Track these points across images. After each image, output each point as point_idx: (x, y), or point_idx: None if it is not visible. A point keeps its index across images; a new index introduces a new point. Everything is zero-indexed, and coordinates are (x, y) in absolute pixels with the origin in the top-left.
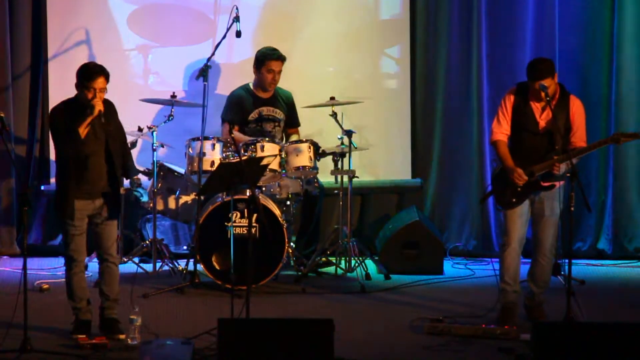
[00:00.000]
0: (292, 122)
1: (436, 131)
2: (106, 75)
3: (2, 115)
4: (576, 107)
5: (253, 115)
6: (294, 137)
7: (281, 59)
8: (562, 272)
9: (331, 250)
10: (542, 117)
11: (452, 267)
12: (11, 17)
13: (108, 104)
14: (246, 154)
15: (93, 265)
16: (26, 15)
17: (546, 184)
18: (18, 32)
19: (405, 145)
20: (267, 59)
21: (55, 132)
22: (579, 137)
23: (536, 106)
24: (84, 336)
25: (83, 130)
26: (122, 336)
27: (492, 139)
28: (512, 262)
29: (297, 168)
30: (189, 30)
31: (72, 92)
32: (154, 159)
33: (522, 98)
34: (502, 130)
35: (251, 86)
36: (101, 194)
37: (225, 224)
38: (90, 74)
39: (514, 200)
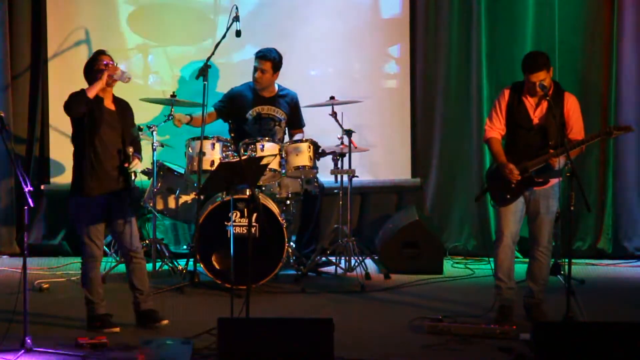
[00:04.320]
0: (295, 122)
1: (436, 131)
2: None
3: (2, 115)
4: (571, 103)
5: (251, 113)
6: (297, 137)
7: (265, 57)
8: (562, 272)
9: (331, 250)
10: (536, 113)
11: (451, 267)
12: (11, 17)
13: (124, 103)
14: (246, 153)
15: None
16: (26, 15)
17: (540, 180)
18: (18, 32)
19: (405, 145)
20: (255, 56)
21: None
22: (577, 133)
23: (530, 102)
24: (85, 337)
25: (91, 92)
26: (166, 322)
27: (485, 137)
28: (505, 258)
29: (297, 167)
30: (189, 30)
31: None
32: (154, 158)
33: (516, 95)
34: (494, 128)
35: (254, 84)
36: (116, 190)
37: (225, 223)
38: (96, 54)
39: (508, 196)
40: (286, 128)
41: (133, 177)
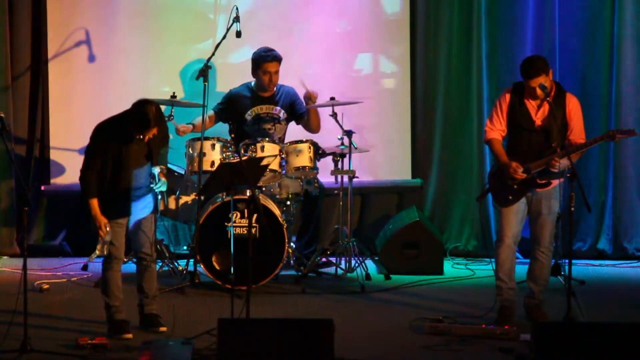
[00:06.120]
0: (298, 115)
1: (436, 131)
2: (160, 124)
3: (2, 115)
4: (572, 105)
5: (250, 114)
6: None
7: (276, 59)
8: (562, 272)
9: (331, 250)
10: (538, 115)
11: (452, 267)
12: (11, 17)
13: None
14: (246, 154)
15: (95, 265)
16: (26, 15)
17: (542, 181)
18: (18, 32)
19: (405, 145)
20: (262, 61)
21: (91, 149)
22: (577, 134)
23: (532, 104)
24: (85, 337)
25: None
26: (164, 329)
27: (486, 138)
28: (507, 259)
29: (297, 168)
30: (189, 30)
31: (72, 92)
32: None
33: (517, 97)
34: (495, 128)
35: (253, 85)
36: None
37: (225, 224)
38: (147, 122)
39: (510, 197)
40: (287, 126)
41: (160, 197)
